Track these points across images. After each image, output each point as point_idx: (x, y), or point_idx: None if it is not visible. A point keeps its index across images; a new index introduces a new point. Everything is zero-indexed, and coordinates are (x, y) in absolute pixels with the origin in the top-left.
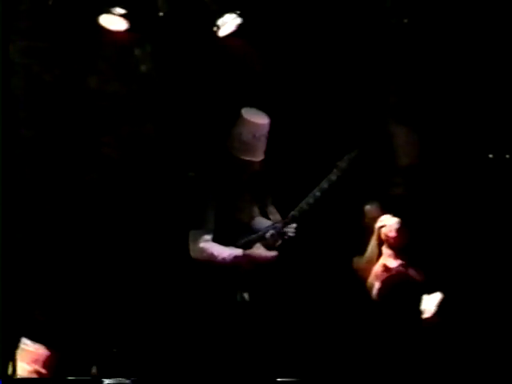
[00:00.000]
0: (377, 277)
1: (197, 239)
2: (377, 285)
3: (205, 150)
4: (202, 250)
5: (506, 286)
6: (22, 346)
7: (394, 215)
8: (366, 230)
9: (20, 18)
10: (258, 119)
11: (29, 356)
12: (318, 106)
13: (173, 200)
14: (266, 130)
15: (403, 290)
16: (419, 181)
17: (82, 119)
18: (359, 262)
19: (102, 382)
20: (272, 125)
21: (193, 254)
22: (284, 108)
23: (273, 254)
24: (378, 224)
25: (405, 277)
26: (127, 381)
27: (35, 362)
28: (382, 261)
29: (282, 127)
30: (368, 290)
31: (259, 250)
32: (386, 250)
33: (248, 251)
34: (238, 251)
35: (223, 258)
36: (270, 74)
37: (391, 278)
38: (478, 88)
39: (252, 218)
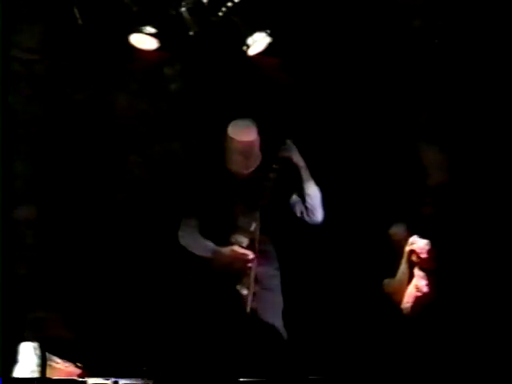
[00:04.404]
0: (410, 299)
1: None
2: (411, 307)
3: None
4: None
5: None
6: (51, 363)
7: (422, 236)
8: (394, 251)
9: (51, 37)
10: (242, 136)
11: (59, 374)
12: (347, 123)
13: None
14: (251, 146)
15: (437, 311)
16: (449, 200)
17: (112, 138)
18: (390, 284)
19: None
20: (298, 142)
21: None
22: (312, 125)
23: (247, 253)
24: (408, 247)
25: (437, 298)
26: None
27: None
28: (414, 282)
29: (308, 145)
30: (402, 312)
31: (232, 248)
32: (417, 272)
33: (220, 248)
34: (210, 247)
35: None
36: (299, 93)
37: (425, 300)
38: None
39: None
